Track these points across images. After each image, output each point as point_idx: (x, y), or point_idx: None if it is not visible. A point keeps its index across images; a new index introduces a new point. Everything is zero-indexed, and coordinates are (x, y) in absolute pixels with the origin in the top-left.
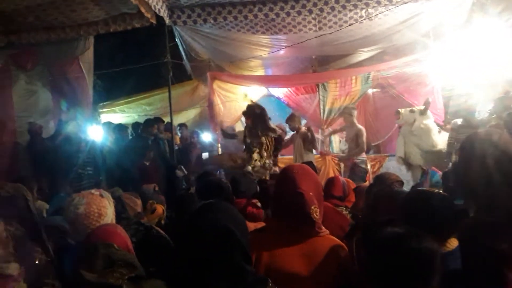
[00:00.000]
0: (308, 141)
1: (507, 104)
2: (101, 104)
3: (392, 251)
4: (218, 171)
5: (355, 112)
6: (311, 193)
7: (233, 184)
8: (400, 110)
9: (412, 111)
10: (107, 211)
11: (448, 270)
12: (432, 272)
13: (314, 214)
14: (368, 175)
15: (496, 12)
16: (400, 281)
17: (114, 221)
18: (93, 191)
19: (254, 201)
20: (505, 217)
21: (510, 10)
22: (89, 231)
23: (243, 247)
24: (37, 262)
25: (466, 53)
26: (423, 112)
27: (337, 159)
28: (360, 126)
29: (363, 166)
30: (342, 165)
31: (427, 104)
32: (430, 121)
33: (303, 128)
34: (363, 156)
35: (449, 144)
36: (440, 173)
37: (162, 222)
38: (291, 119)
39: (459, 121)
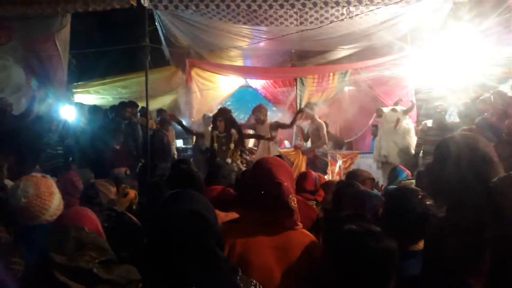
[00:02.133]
0: (273, 134)
1: (480, 108)
2: (75, 84)
3: (350, 249)
4: (192, 159)
5: (316, 108)
6: (286, 184)
7: (215, 169)
8: (382, 108)
9: (394, 110)
10: (55, 190)
11: (407, 274)
12: (390, 271)
13: (292, 203)
14: (339, 171)
15: (470, 18)
16: (358, 279)
17: (62, 200)
18: (33, 174)
19: (229, 189)
20: (472, 220)
21: (482, 16)
22: (43, 212)
23: (217, 232)
24: (3, 241)
25: (440, 57)
26: (406, 112)
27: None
28: (320, 121)
29: (324, 158)
30: None
31: (411, 105)
32: (410, 121)
33: (269, 120)
34: (324, 148)
35: (417, 145)
36: (407, 171)
37: (134, 207)
38: (258, 110)
39: (428, 122)
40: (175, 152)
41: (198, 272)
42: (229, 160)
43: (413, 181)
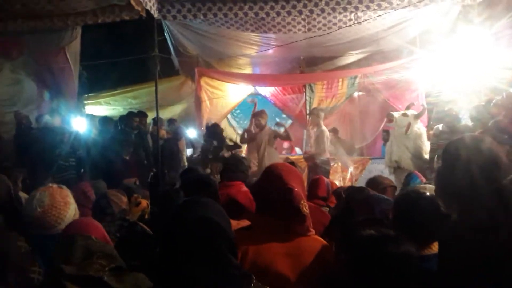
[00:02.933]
0: (273, 140)
1: (493, 111)
2: (86, 95)
3: (370, 255)
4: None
5: (322, 114)
6: (297, 189)
7: (233, 161)
8: (393, 113)
9: (405, 115)
10: (71, 200)
11: (425, 272)
12: (409, 276)
13: (304, 209)
14: (351, 177)
15: (480, 21)
16: (377, 283)
17: (77, 210)
18: (50, 184)
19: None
20: (485, 222)
21: (493, 19)
22: (59, 222)
23: (229, 238)
24: (22, 250)
25: (451, 61)
26: (417, 116)
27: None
28: (323, 128)
29: (325, 166)
30: None
31: (422, 109)
32: (421, 126)
33: (268, 127)
34: (326, 156)
35: (431, 150)
36: (422, 178)
37: (146, 216)
38: (261, 116)
39: (440, 126)
40: (186, 163)
41: (211, 279)
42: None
43: (425, 185)
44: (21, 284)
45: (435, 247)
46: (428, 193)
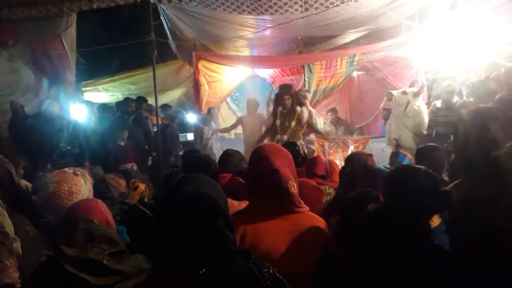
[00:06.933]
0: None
1: (490, 87)
2: (84, 82)
3: (378, 228)
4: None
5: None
6: (285, 169)
7: (225, 156)
8: (392, 91)
9: (404, 93)
10: (80, 189)
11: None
12: (419, 249)
13: (292, 189)
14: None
15: None
16: (387, 257)
17: (91, 189)
18: (66, 169)
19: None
20: (499, 195)
21: None
22: (62, 209)
23: (225, 214)
24: (30, 235)
25: (450, 37)
26: (416, 94)
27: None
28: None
29: (310, 146)
30: (326, 145)
31: (421, 86)
32: (422, 103)
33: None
34: (311, 136)
35: (429, 126)
36: (409, 156)
37: (145, 199)
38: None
39: (438, 103)
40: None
41: (208, 254)
42: (285, 137)
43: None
44: (31, 267)
45: (434, 220)
46: (423, 168)
